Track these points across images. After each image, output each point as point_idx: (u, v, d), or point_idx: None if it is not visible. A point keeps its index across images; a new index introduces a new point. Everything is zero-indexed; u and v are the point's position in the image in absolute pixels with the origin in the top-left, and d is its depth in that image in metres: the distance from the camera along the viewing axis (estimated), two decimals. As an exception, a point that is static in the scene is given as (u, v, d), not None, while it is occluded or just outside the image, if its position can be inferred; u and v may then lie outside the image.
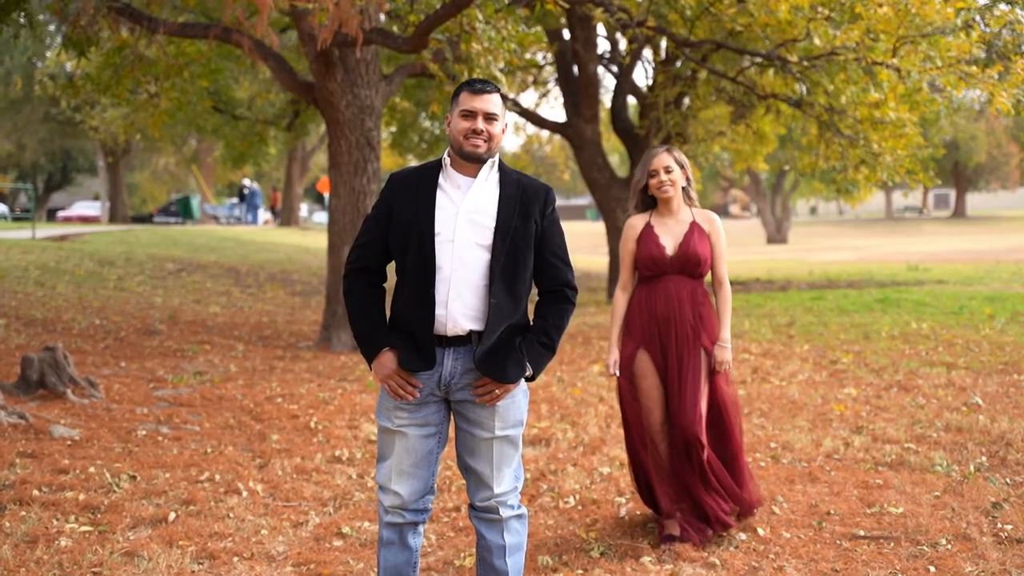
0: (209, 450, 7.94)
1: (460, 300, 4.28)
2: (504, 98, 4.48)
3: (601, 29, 22.19)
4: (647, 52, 23.26)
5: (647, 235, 6.03)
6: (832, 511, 6.43)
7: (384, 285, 4.51)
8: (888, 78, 14.08)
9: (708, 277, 6.14)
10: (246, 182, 52.58)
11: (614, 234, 21.36)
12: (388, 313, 4.46)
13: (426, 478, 4.42)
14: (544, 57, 24.81)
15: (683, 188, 6.08)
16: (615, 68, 23.08)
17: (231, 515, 6.36)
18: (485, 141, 4.35)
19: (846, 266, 32.28)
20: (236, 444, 8.25)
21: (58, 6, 13.99)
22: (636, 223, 6.11)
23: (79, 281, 18.07)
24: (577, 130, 21.57)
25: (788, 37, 14.67)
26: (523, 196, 4.40)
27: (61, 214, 56.07)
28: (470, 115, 4.36)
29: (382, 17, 17.93)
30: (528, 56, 24.87)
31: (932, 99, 14.64)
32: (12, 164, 56.53)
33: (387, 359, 4.34)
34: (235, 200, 57.10)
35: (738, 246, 51.57)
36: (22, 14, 14.09)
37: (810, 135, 18.64)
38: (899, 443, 8.12)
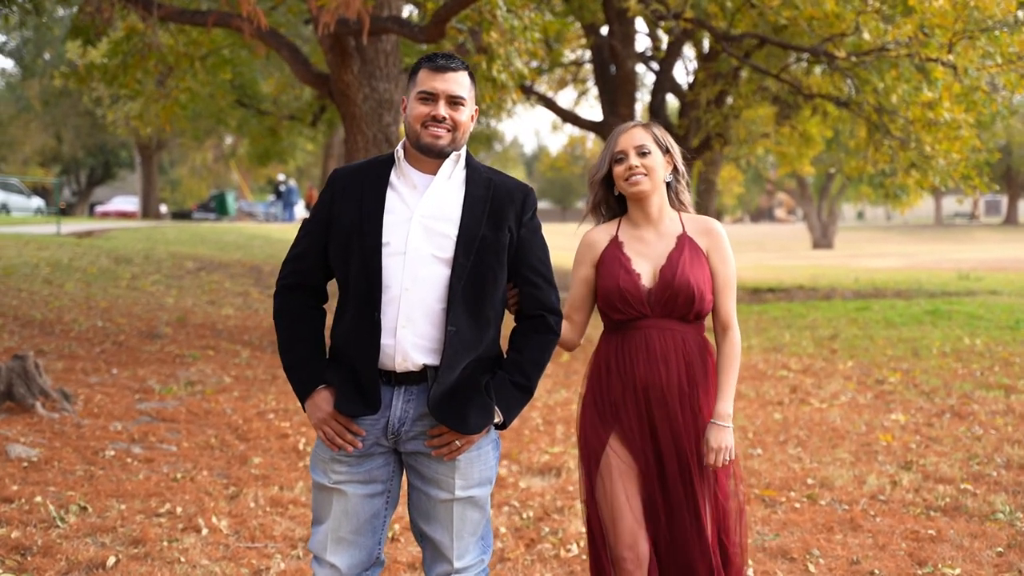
0: (179, 475, 7.14)
1: (412, 327, 3.45)
2: (473, 77, 3.63)
3: (640, 25, 21.33)
4: (688, 50, 22.41)
5: (611, 257, 4.03)
6: (877, 571, 5.51)
7: (323, 307, 3.68)
8: (943, 76, 13.17)
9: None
10: (282, 178, 52.06)
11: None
12: (328, 342, 3.63)
13: (370, 547, 3.59)
14: (578, 54, 24.01)
15: (668, 183, 4.12)
16: (655, 65, 22.19)
17: (182, 559, 5.55)
18: (448, 131, 3.53)
19: (893, 273, 31.11)
20: (212, 468, 7.45)
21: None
22: (596, 239, 4.12)
23: (90, 279, 17.40)
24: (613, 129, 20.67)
25: (836, 31, 13.75)
26: (495, 198, 3.56)
27: (99, 209, 55.88)
28: (429, 98, 3.53)
29: (412, 12, 17.22)
30: (565, 52, 24.21)
31: (990, 99, 13.65)
32: (54, 159, 56.34)
33: (322, 399, 3.51)
34: (273, 197, 56.65)
35: (782, 251, 50.40)
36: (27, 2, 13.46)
37: (858, 137, 17.68)
38: (954, 483, 7.18)
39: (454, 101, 3.53)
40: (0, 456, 7.21)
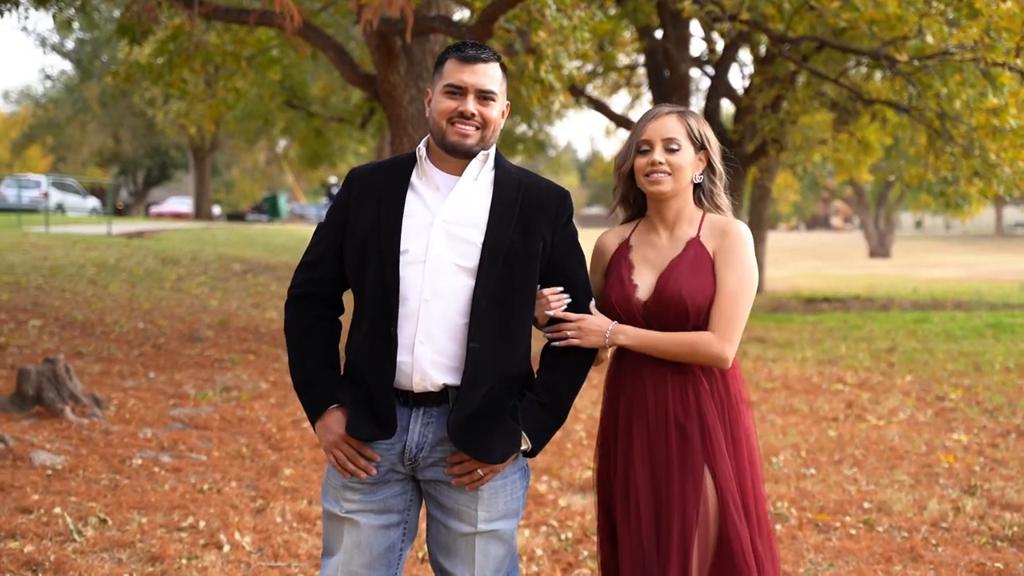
0: (206, 487, 6.88)
1: (431, 343, 3.13)
2: (505, 70, 3.30)
3: (695, 29, 20.94)
4: (744, 53, 21.99)
5: (616, 264, 3.55)
6: (939, 608, 5.12)
7: (338, 319, 3.38)
8: (1009, 81, 12.66)
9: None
10: (333, 181, 52.10)
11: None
12: (343, 358, 3.33)
13: (385, 583, 3.27)
14: (632, 58, 23.64)
15: (697, 184, 3.55)
16: (709, 69, 21.78)
17: (200, 579, 5.28)
18: (477, 128, 3.20)
19: (953, 284, 30.41)
20: (241, 479, 7.18)
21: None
22: (606, 244, 3.64)
23: (135, 280, 17.30)
24: (666, 134, 20.25)
25: (897, 34, 13.29)
26: (526, 202, 3.23)
27: (154, 209, 56.30)
28: (457, 92, 3.20)
29: (465, 14, 16.95)
30: (619, 55, 23.84)
31: (1061, 105, 13.12)
32: (112, 160, 56.84)
33: (333, 421, 3.21)
34: (325, 199, 56.77)
35: (838, 260, 49.62)
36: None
37: (918, 144, 17.17)
38: (1021, 510, 6.75)
39: (484, 96, 3.22)
40: (24, 463, 6.99)
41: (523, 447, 3.23)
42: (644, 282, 3.45)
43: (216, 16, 11.87)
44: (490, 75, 3.23)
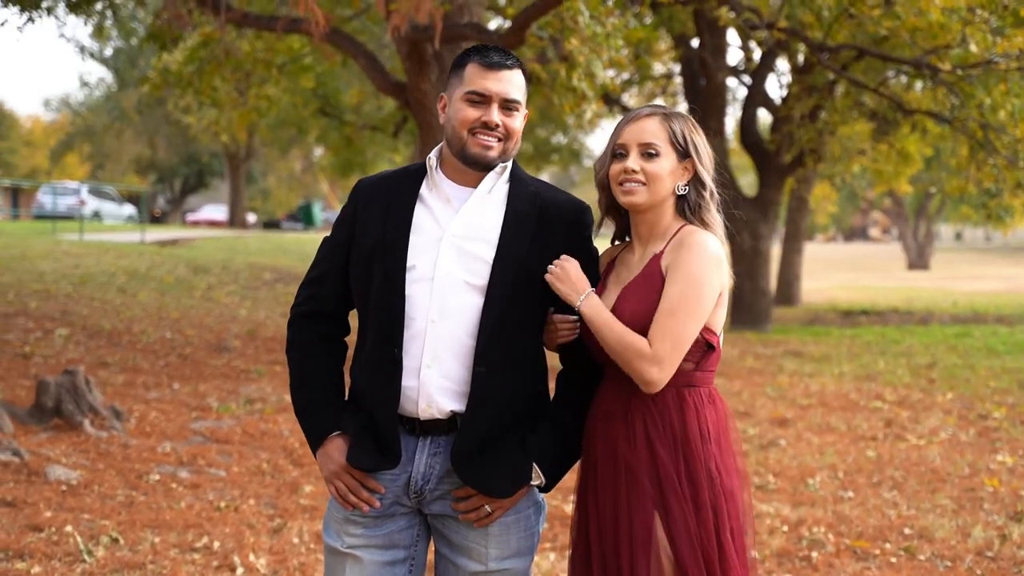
0: (223, 504, 6.69)
1: (438, 367, 2.92)
2: (528, 77, 3.09)
3: (732, 38, 20.66)
4: (782, 63, 21.67)
5: (601, 284, 3.17)
6: (985, 646, 4.85)
7: (344, 340, 3.17)
8: (1055, 90, 12.31)
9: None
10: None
11: (739, 257, 19.73)
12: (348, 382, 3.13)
13: (389, 624, 3.05)
14: (669, 67, 23.39)
15: (683, 196, 3.11)
16: (746, 78, 21.48)
17: (211, 603, 5.08)
18: (500, 140, 2.98)
19: (994, 297, 29.87)
20: (259, 496, 6.99)
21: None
22: (603, 260, 3.27)
23: (164, 289, 17.21)
24: (702, 144, 19.96)
25: (940, 43, 12.99)
26: (541, 216, 3.02)
27: (189, 217, 56.52)
28: (481, 100, 2.97)
29: (501, 23, 16.77)
30: (655, 64, 23.60)
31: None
32: (149, 167, 57.14)
33: (334, 449, 3.00)
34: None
35: (876, 272, 49.01)
36: (106, 4, 13.28)
37: (960, 155, 16.79)
38: (1070, 539, 6.45)
39: (509, 105, 3.00)
40: (39, 478, 6.84)
41: (535, 482, 3.01)
42: (607, 304, 3.04)
43: (244, 23, 11.74)
44: (515, 83, 3.02)
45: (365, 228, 3.02)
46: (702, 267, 2.95)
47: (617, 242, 3.27)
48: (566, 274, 2.99)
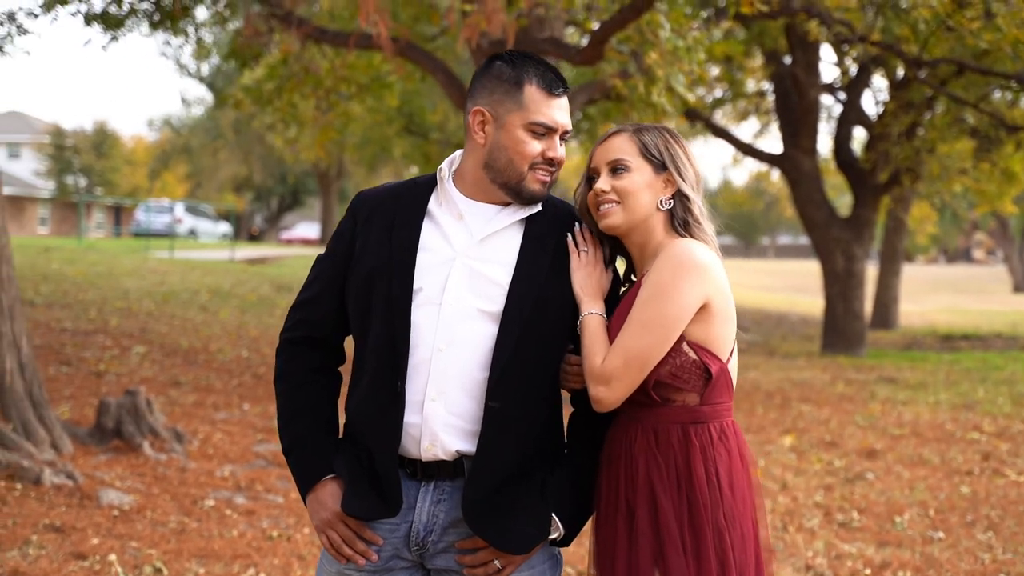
0: (276, 533, 6.46)
1: (444, 401, 2.61)
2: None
3: (826, 54, 20.14)
4: (879, 79, 21.08)
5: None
6: None
7: (338, 370, 2.89)
8: None
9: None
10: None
11: (831, 279, 19.16)
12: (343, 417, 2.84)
13: None
14: (762, 84, 22.90)
15: (668, 211, 2.78)
16: (841, 94, 20.91)
17: (247, 642, 4.83)
18: (553, 173, 2.71)
19: (1104, 323, 28.68)
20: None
21: (222, 16, 13.13)
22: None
23: (246, 307, 17.20)
24: (794, 162, 19.48)
25: (1045, 56, 12.36)
26: (562, 237, 2.71)
27: (284, 235, 57.16)
28: (546, 133, 2.67)
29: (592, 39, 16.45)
30: (747, 82, 23.12)
31: None
32: (246, 185, 57.98)
33: (327, 495, 2.70)
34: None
35: (979, 294, 47.58)
36: (189, 23, 13.30)
37: (1067, 174, 16.08)
38: None
39: (564, 136, 2.73)
40: (91, 503, 6.67)
41: (553, 535, 2.68)
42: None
43: (317, 38, 11.62)
44: (568, 109, 2.75)
45: (366, 245, 2.73)
46: (670, 274, 2.63)
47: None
48: (589, 276, 2.72)
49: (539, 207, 2.74)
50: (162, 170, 55.19)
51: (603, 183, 2.75)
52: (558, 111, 2.68)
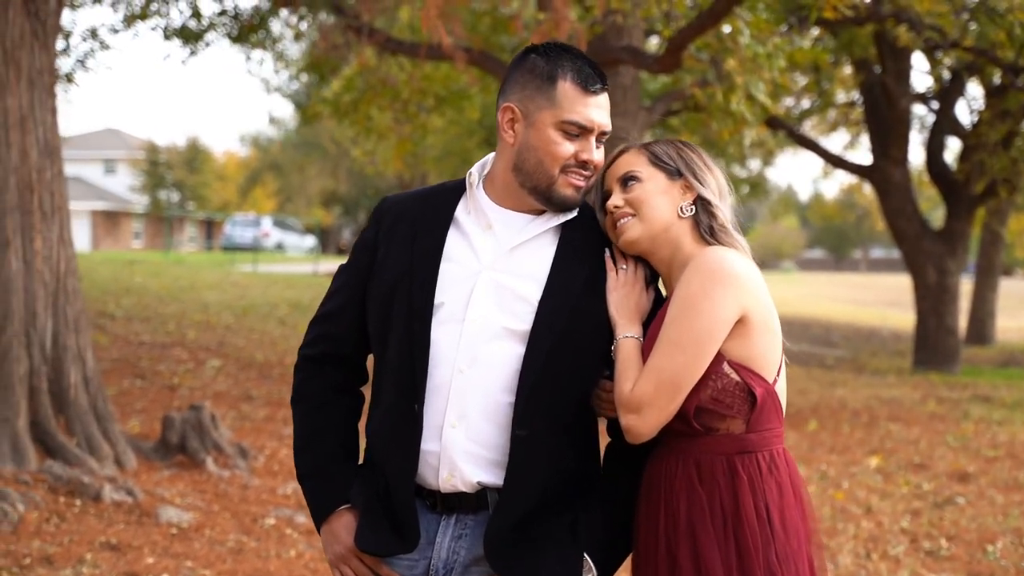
0: (334, 555, 6.27)
1: (465, 427, 2.38)
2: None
3: (918, 62, 19.58)
4: (974, 88, 20.43)
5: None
6: None
7: (360, 390, 2.68)
8: None
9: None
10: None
11: (923, 293, 18.58)
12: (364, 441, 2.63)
13: None
14: (850, 95, 22.38)
15: (693, 219, 2.53)
16: (934, 103, 20.32)
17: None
18: (589, 178, 2.47)
19: None
20: (375, 547, 6.55)
21: (298, 28, 13.12)
22: None
23: (325, 321, 17.18)
24: (884, 174, 18.95)
25: None
26: (602, 251, 2.45)
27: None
28: (582, 132, 2.43)
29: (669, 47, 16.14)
30: (837, 92, 22.60)
31: None
32: (333, 199, 58.52)
33: (341, 527, 2.49)
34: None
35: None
36: (264, 34, 13.33)
37: None
38: None
39: (602, 137, 2.49)
40: (149, 520, 6.56)
41: (588, 574, 2.43)
42: None
43: (390, 48, 11.51)
44: (608, 108, 2.51)
45: (387, 255, 2.51)
46: (699, 285, 2.37)
47: None
48: (627, 297, 2.48)
49: (575, 213, 2.50)
50: (252, 185, 55.94)
51: (615, 199, 2.52)
52: (595, 109, 2.45)
